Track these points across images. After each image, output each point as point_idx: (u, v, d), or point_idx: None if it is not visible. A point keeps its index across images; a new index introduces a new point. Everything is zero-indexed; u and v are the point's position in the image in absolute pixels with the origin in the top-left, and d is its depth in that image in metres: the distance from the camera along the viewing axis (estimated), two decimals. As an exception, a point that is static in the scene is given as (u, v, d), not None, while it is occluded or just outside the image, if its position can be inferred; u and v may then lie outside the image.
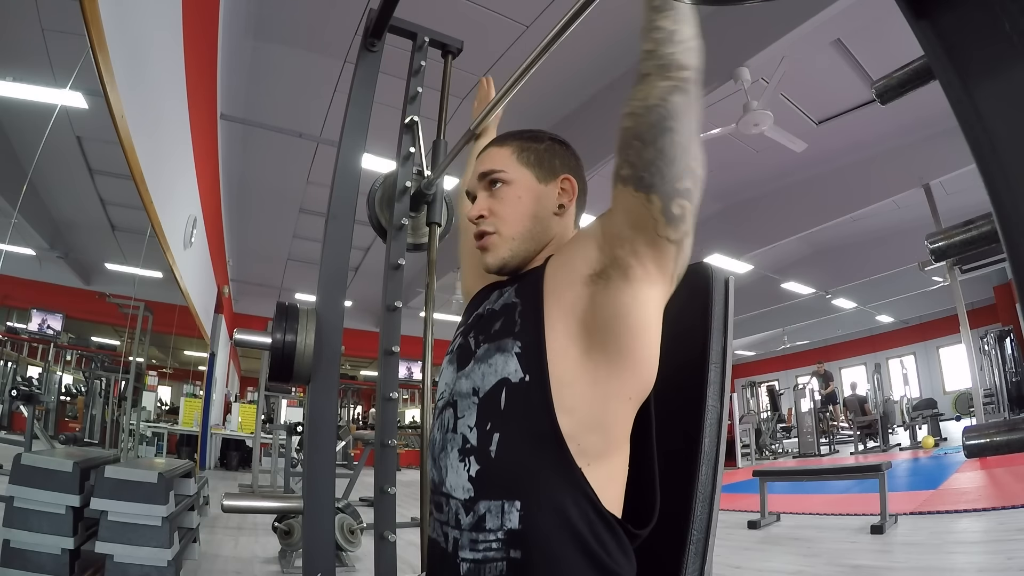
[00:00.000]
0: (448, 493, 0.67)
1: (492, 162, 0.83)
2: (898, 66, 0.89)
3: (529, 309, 0.70)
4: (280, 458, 5.78)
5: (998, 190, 0.55)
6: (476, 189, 0.84)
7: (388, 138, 2.04)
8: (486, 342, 0.72)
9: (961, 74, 0.57)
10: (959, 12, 0.55)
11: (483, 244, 0.81)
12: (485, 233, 0.80)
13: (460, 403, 0.70)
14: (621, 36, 4.22)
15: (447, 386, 0.76)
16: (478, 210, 0.81)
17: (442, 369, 0.82)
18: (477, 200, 0.83)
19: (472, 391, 0.69)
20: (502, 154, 0.83)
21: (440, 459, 0.70)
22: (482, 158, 0.85)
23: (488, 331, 0.74)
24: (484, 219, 0.80)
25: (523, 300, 0.73)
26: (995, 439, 0.72)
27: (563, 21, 0.87)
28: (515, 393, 0.64)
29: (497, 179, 0.81)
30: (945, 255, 0.83)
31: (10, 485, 2.22)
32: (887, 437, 9.14)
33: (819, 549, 3.43)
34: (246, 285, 10.30)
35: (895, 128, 5.39)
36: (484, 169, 0.83)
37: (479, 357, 0.71)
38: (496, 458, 0.63)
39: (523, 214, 0.79)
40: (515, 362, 0.66)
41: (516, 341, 0.68)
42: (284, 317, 1.43)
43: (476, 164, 0.86)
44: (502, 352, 0.68)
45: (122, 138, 2.13)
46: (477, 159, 0.88)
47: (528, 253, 0.80)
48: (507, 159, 0.82)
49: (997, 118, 0.52)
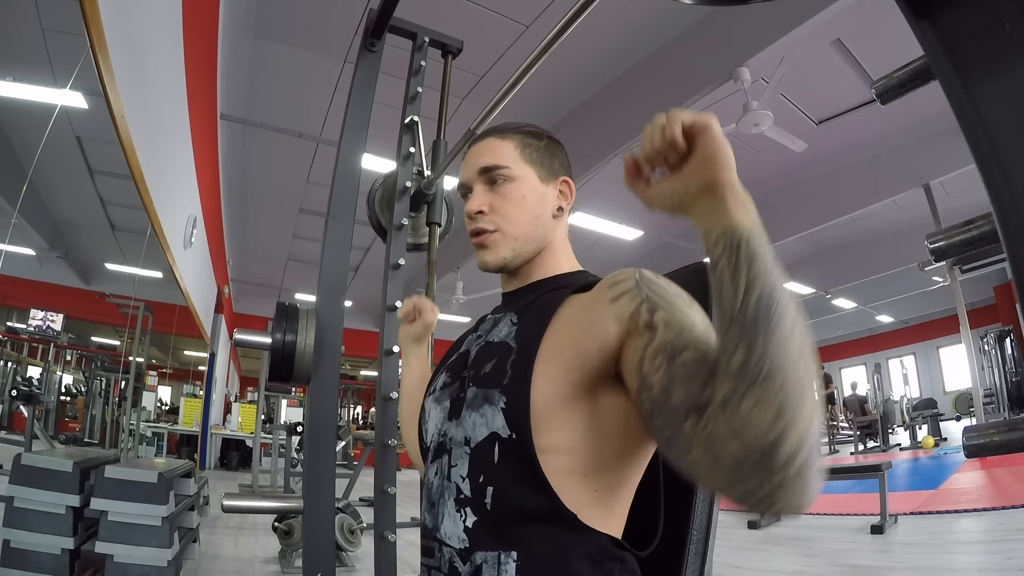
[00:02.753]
0: (442, 540, 0.64)
1: (494, 155, 0.77)
2: (898, 66, 0.89)
3: (522, 359, 0.64)
4: (280, 458, 5.79)
5: (998, 190, 0.55)
6: (474, 182, 0.78)
7: (388, 138, 2.04)
8: (475, 384, 0.67)
9: (961, 74, 0.57)
10: (959, 12, 0.55)
11: (482, 241, 0.76)
12: (484, 231, 0.76)
13: (454, 451, 0.66)
14: (621, 36, 4.22)
15: (436, 427, 0.71)
16: (478, 204, 0.76)
17: (428, 403, 0.76)
18: (476, 194, 0.77)
19: (464, 440, 0.65)
20: (505, 148, 0.78)
21: (438, 505, 0.66)
22: (480, 150, 0.79)
23: (479, 370, 0.68)
24: (484, 215, 0.76)
25: (519, 344, 0.67)
26: (995, 439, 0.72)
27: (563, 21, 0.87)
28: (506, 448, 0.61)
29: (501, 175, 0.76)
30: (945, 255, 0.83)
31: (10, 485, 2.22)
32: (887, 437, 9.14)
33: (819, 549, 3.43)
34: (246, 285, 10.30)
35: (895, 128, 5.39)
36: (486, 163, 0.77)
37: (469, 402, 0.66)
38: (491, 510, 0.61)
39: (527, 214, 0.76)
40: (501, 418, 0.62)
41: (503, 396, 0.63)
42: (284, 317, 1.43)
43: (473, 155, 0.80)
44: (489, 403, 0.64)
45: (122, 138, 2.13)
46: (472, 148, 0.81)
47: (528, 255, 0.77)
48: (510, 154, 0.77)
49: (997, 118, 0.52)
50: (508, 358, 0.66)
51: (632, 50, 4.42)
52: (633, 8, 3.91)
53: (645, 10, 3.97)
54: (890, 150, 5.67)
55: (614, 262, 1.41)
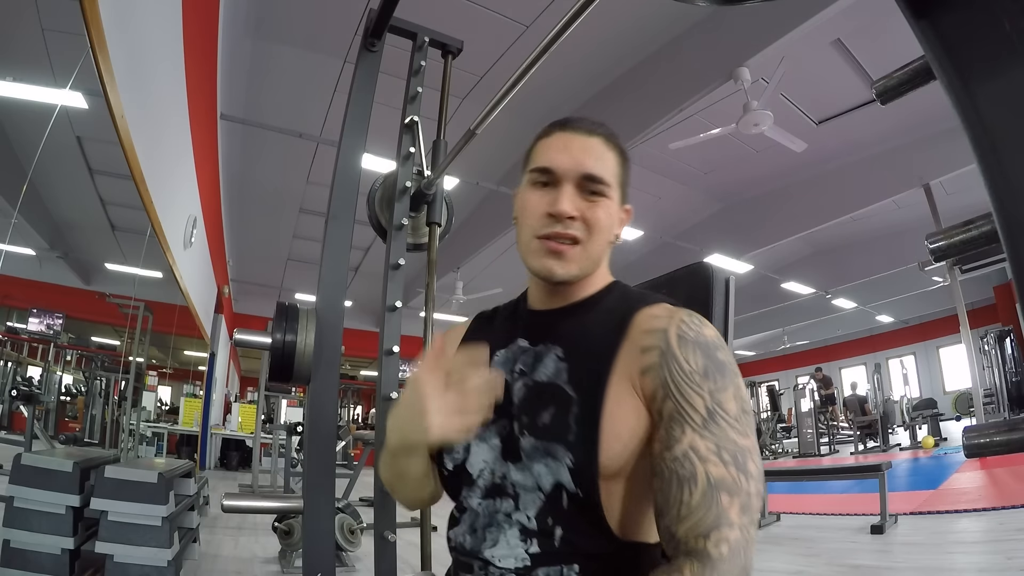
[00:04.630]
0: (488, 560, 0.64)
1: (603, 166, 0.71)
2: (898, 66, 0.89)
3: (587, 414, 0.62)
4: (280, 458, 5.79)
5: (998, 190, 0.55)
6: (568, 179, 0.70)
7: (388, 138, 2.04)
8: (532, 435, 0.64)
9: (961, 74, 0.57)
10: (959, 12, 0.55)
11: (563, 250, 0.69)
12: (573, 238, 0.69)
13: (522, 496, 0.65)
14: (621, 36, 4.22)
15: (487, 464, 0.68)
16: (574, 208, 0.68)
17: (474, 437, 0.69)
18: (568, 194, 0.69)
19: (535, 487, 0.64)
20: (610, 160, 0.72)
21: (487, 531, 0.66)
22: (587, 148, 0.71)
23: (534, 418, 0.65)
24: (574, 221, 0.69)
25: (580, 394, 0.63)
26: (995, 439, 0.72)
27: (563, 21, 0.87)
28: (573, 499, 0.62)
29: (600, 189, 0.70)
30: (945, 255, 0.83)
31: (10, 485, 2.22)
32: (887, 437, 9.14)
33: (819, 549, 3.43)
34: (246, 285, 10.30)
35: (895, 128, 5.39)
36: (594, 171, 0.70)
37: (528, 452, 0.64)
38: (559, 547, 0.62)
39: (605, 237, 0.71)
40: (567, 474, 0.61)
41: (568, 453, 0.61)
42: (284, 317, 1.43)
43: (578, 149, 0.70)
44: (553, 458, 0.62)
45: (122, 138, 2.13)
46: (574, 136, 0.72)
47: (586, 276, 0.72)
48: (612, 169, 0.72)
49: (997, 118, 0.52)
50: (569, 410, 0.63)
51: (632, 50, 4.42)
52: (633, 8, 3.91)
53: (645, 10, 3.98)
54: (890, 150, 5.67)
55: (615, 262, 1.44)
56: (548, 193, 0.70)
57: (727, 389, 0.60)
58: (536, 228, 0.70)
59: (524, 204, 0.72)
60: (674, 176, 6.34)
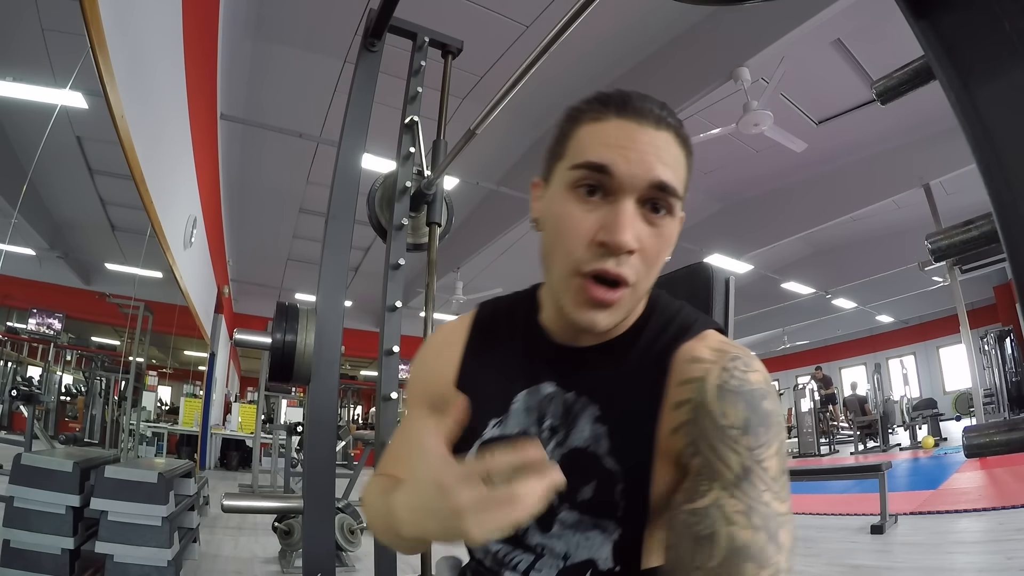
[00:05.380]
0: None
1: (675, 169, 0.54)
2: (898, 66, 0.89)
3: (635, 488, 0.55)
4: (280, 458, 5.79)
5: (998, 190, 0.55)
6: (631, 191, 0.52)
7: (388, 138, 2.04)
8: (574, 508, 0.58)
9: (961, 74, 0.57)
10: (959, 12, 0.55)
11: (611, 298, 0.53)
12: (625, 282, 0.53)
13: (545, 559, 0.59)
14: (621, 36, 4.22)
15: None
16: (634, 239, 0.52)
17: None
18: (628, 214, 0.51)
19: (563, 555, 0.58)
20: (681, 164, 0.55)
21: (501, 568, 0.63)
22: (661, 149, 0.53)
23: (575, 491, 0.57)
24: (632, 256, 0.52)
25: (624, 467, 0.56)
26: (995, 439, 0.72)
27: (563, 21, 0.87)
28: (604, 574, 0.57)
29: (670, 205, 0.54)
30: (945, 255, 0.83)
31: (10, 485, 2.22)
32: (887, 437, 9.14)
33: (819, 549, 3.43)
34: (246, 285, 10.30)
35: (895, 128, 5.39)
36: (665, 179, 0.52)
37: (570, 524, 0.58)
38: None
39: (663, 264, 0.57)
40: (609, 549, 0.56)
41: (619, 528, 0.56)
42: (284, 317, 1.43)
43: (648, 151, 0.52)
44: (601, 531, 0.57)
45: (122, 138, 2.13)
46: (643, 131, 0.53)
47: None
48: (683, 177, 0.55)
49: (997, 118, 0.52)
50: (615, 486, 0.56)
51: (632, 50, 4.42)
52: (633, 8, 3.91)
53: (645, 10, 3.98)
54: (890, 150, 5.67)
55: None
56: (598, 207, 0.53)
57: (770, 445, 0.50)
58: (580, 259, 0.53)
59: (562, 218, 0.54)
60: (674, 176, 6.33)
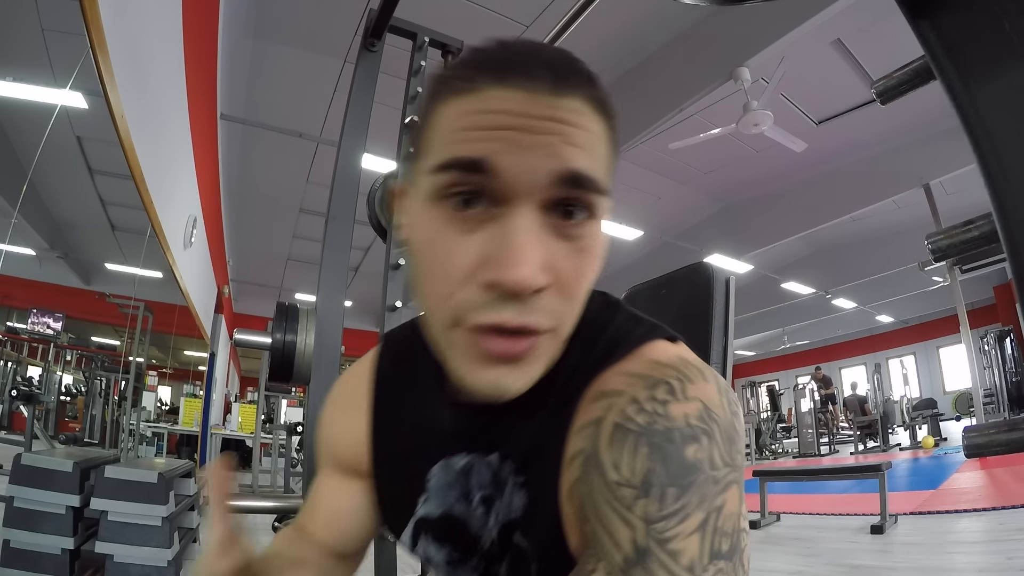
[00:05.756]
0: None
1: (590, 150, 0.36)
2: (898, 66, 0.89)
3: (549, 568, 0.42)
4: (280, 458, 5.79)
5: (998, 190, 0.55)
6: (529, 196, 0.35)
7: (388, 138, 2.04)
8: None
9: (961, 74, 0.57)
10: (959, 12, 0.55)
11: (515, 350, 0.36)
12: (534, 332, 0.36)
13: None
14: (621, 36, 4.22)
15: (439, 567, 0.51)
16: (539, 271, 0.35)
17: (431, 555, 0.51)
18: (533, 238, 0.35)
19: None
20: (600, 141, 0.37)
21: None
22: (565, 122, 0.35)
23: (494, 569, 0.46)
24: (542, 295, 0.36)
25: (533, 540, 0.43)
26: (995, 439, 0.72)
27: (563, 21, 0.87)
28: None
29: (589, 202, 0.37)
30: (945, 255, 0.83)
31: (10, 485, 2.22)
32: (887, 437, 9.14)
33: (819, 549, 3.43)
34: (246, 285, 10.30)
35: (895, 128, 5.40)
36: (577, 167, 0.35)
37: None
38: None
39: (589, 285, 0.39)
40: None
41: None
42: (284, 317, 1.43)
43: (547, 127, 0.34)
44: None
45: (122, 138, 2.13)
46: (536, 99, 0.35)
47: None
48: (604, 157, 0.37)
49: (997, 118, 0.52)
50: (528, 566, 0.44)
51: (632, 50, 4.42)
52: (633, 8, 3.91)
53: (645, 10, 3.98)
54: (890, 150, 5.67)
55: (614, 263, 1.39)
56: (480, 224, 0.36)
57: (685, 515, 0.32)
58: (461, 308, 0.36)
59: (428, 246, 0.37)
60: (674, 176, 6.34)
